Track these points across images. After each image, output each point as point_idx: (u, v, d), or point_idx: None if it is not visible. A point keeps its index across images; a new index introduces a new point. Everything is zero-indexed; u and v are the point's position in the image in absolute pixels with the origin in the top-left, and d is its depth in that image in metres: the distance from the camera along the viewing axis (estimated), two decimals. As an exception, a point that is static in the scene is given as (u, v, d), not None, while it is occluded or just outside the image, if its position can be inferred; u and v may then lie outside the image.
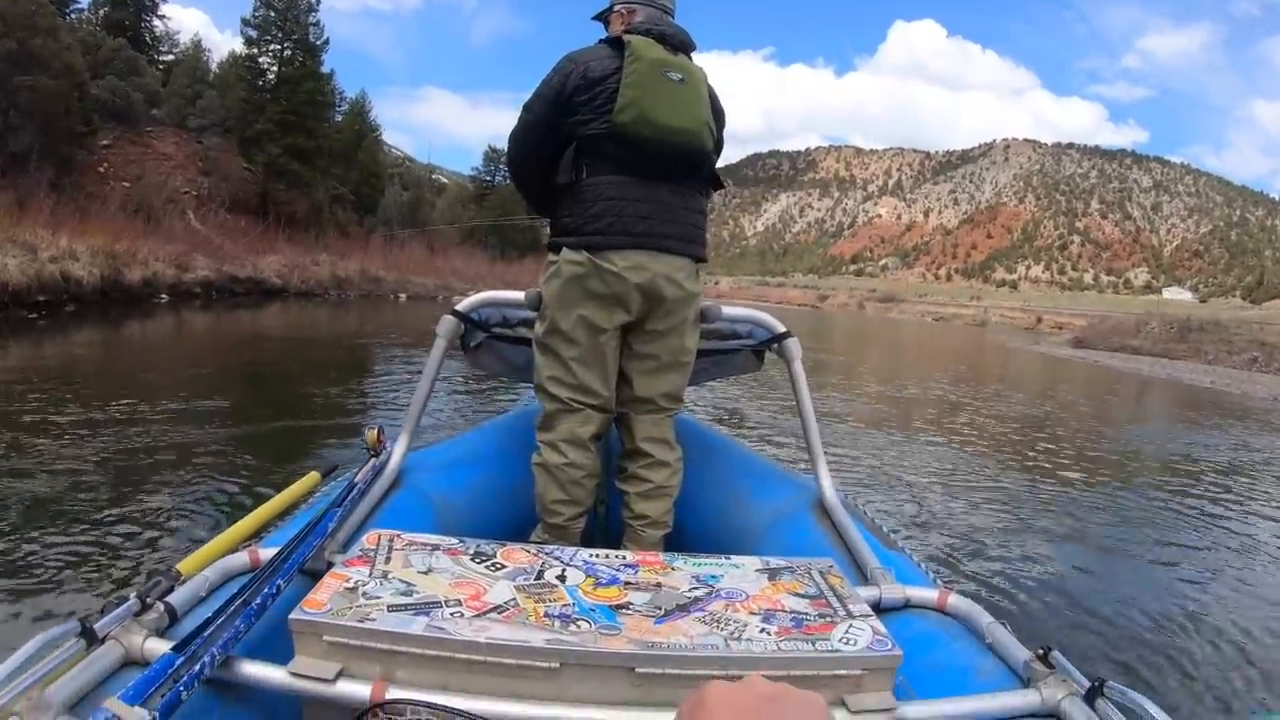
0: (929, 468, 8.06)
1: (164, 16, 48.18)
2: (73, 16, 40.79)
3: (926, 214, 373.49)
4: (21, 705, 1.09)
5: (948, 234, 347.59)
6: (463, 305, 2.76)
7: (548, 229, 2.70)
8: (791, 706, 0.59)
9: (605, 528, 2.99)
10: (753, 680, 0.62)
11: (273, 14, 41.05)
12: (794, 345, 2.81)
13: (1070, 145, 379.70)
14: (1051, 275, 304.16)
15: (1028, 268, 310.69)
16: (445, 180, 76.23)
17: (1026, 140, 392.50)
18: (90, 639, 1.36)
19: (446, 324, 2.70)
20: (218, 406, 8.22)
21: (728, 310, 2.84)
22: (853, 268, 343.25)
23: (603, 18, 2.81)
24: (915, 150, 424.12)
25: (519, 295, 2.75)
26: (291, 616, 1.38)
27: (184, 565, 1.72)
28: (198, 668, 1.27)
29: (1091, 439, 11.54)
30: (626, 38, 2.48)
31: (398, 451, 2.62)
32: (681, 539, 2.70)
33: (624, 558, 1.75)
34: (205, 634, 1.35)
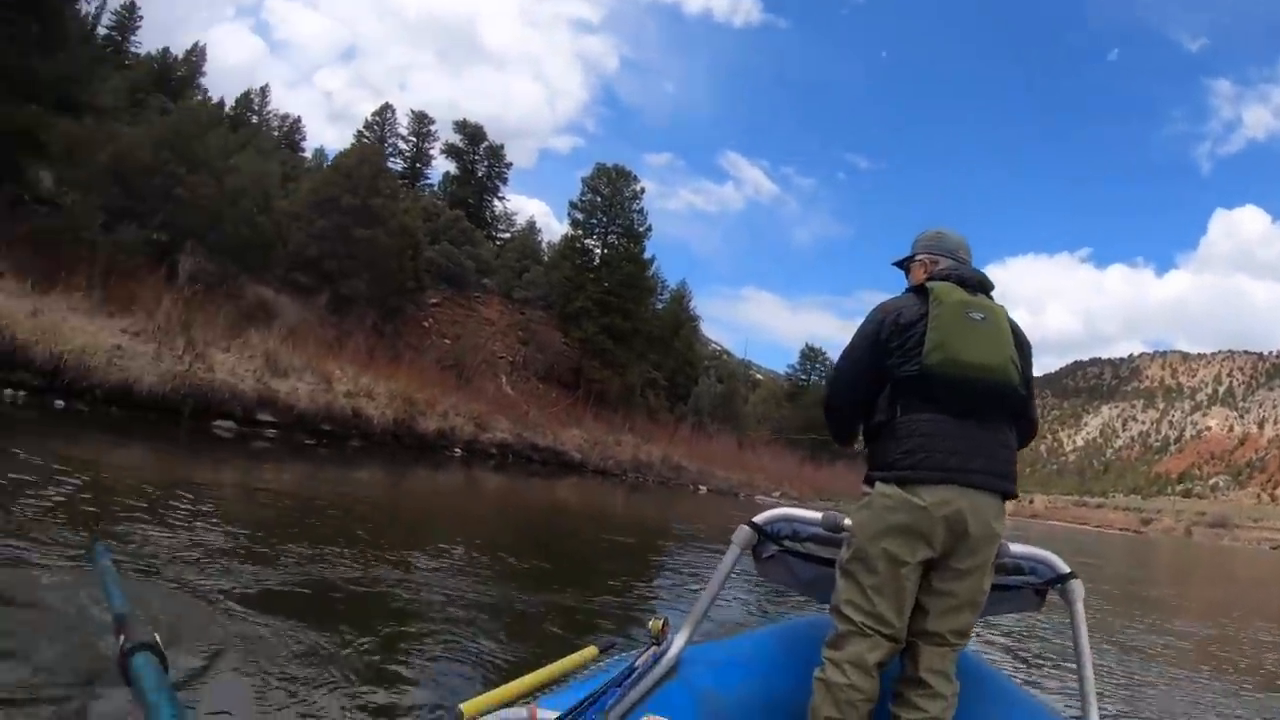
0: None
1: (504, 198, 51.36)
2: (423, 190, 44.51)
3: (1261, 424, 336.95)
4: None
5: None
6: (760, 518, 2.79)
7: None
8: None
9: None
10: None
11: (599, 199, 41.99)
12: (1077, 587, 2.75)
13: None
14: None
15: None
16: (760, 376, 75.10)
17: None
18: None
19: (743, 534, 2.74)
20: (503, 565, 8.30)
21: (1014, 547, 2.76)
22: (1179, 487, 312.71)
23: (904, 265, 3.05)
24: (1247, 352, 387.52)
25: (816, 515, 2.80)
26: None
27: (467, 707, 1.96)
28: None
29: None
30: (929, 284, 2.66)
31: (678, 642, 2.69)
32: None
33: None
34: None
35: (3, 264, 14.82)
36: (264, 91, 51.65)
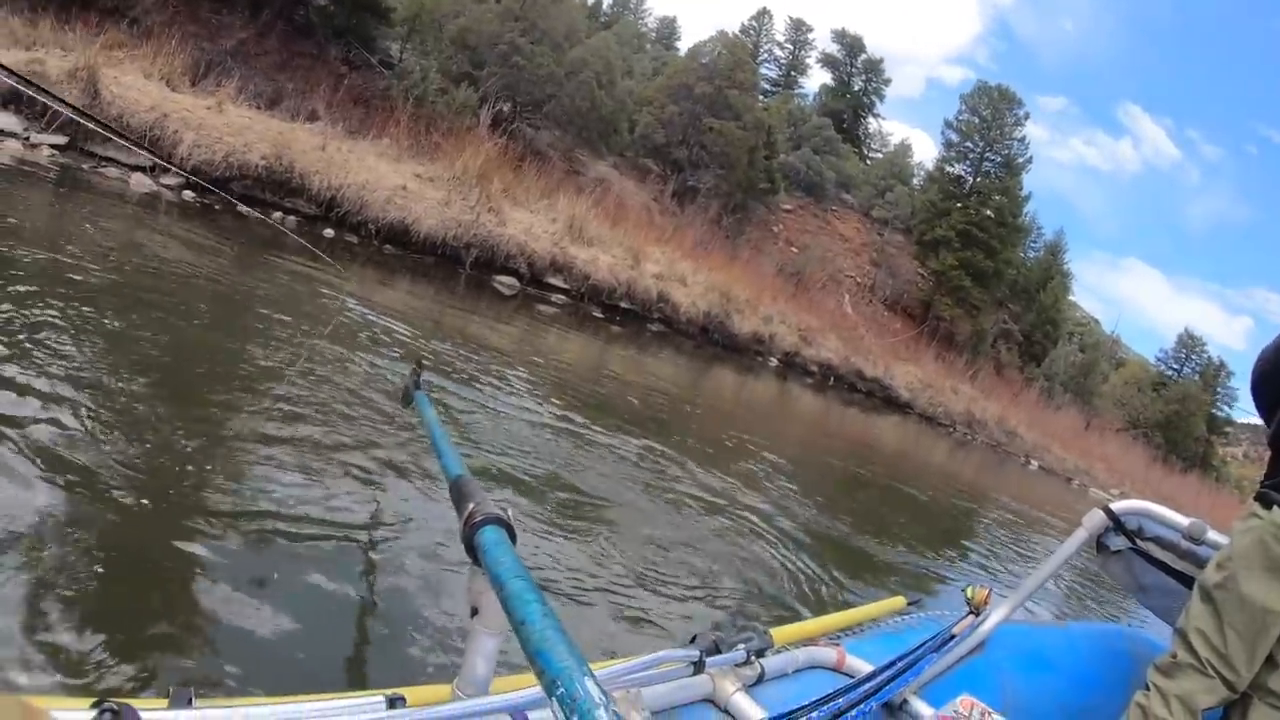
0: None
1: (879, 116, 48.64)
2: (799, 99, 43.05)
3: None
4: (619, 695, 1.31)
5: None
6: (1118, 506, 2.65)
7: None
8: None
9: None
10: None
11: (977, 121, 38.40)
12: None
13: None
14: None
15: None
16: (1126, 357, 68.16)
17: None
18: (697, 669, 1.68)
19: (1095, 518, 2.60)
20: (806, 490, 7.94)
21: None
22: None
23: None
24: None
25: (1182, 519, 2.56)
26: None
27: (776, 633, 1.99)
28: None
29: None
30: None
31: (996, 617, 2.59)
32: None
33: None
34: None
35: (324, 112, 14.80)
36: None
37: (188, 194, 10.53)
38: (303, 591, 2.84)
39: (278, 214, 11.26)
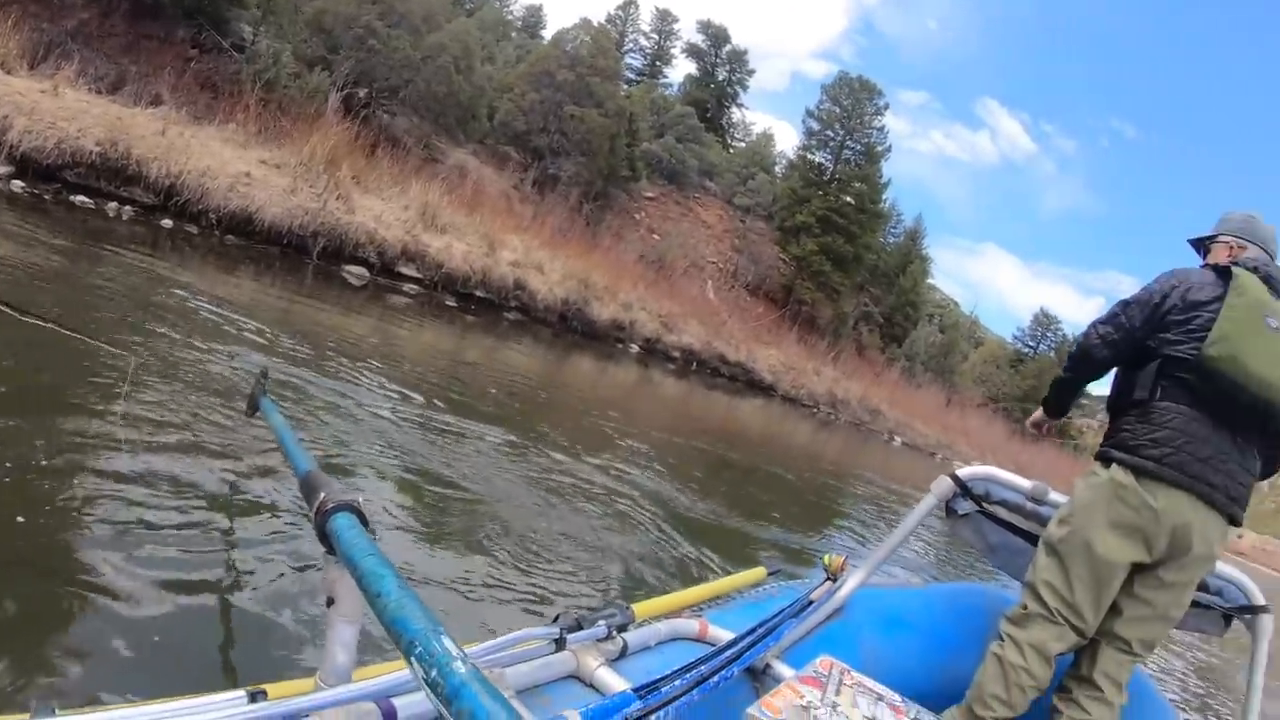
0: None
1: (743, 105, 49.33)
2: (663, 89, 43.68)
3: None
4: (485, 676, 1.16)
5: None
6: (964, 472, 2.79)
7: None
8: None
9: None
10: None
11: (838, 110, 39.39)
12: (1267, 622, 2.63)
13: None
14: None
15: None
16: (985, 337, 70.69)
17: None
18: (559, 646, 1.69)
19: (942, 485, 2.75)
20: (670, 472, 7.98)
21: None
22: None
23: (1201, 245, 2.85)
24: None
25: (1025, 483, 2.76)
26: (750, 711, 1.66)
27: (639, 608, 2.03)
28: (653, 718, 1.47)
29: None
30: (1235, 269, 2.48)
31: (852, 583, 2.69)
32: None
33: None
34: (662, 690, 1.57)
35: (169, 96, 14.15)
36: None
37: (17, 184, 9.98)
38: (162, 598, 2.81)
39: (113, 204, 10.76)
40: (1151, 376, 2.49)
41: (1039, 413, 3.16)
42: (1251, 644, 2.65)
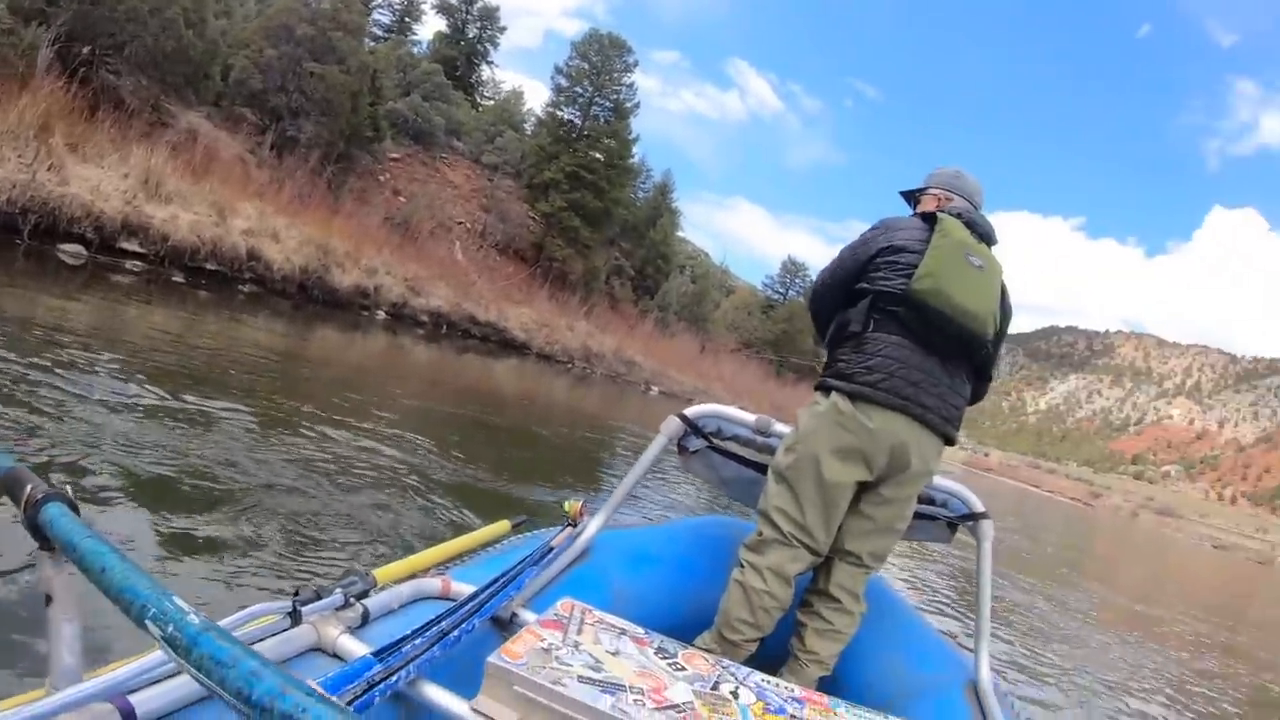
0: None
1: (494, 63, 48.84)
2: (412, 48, 42.30)
3: (1221, 424, 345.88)
4: None
5: (1241, 450, 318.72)
6: (691, 411, 2.89)
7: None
8: None
9: (764, 651, 2.78)
10: None
11: (586, 67, 39.78)
12: (987, 527, 2.89)
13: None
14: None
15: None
16: (736, 286, 73.51)
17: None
18: (295, 620, 1.61)
19: (671, 424, 2.84)
20: (421, 440, 7.85)
21: (935, 480, 2.87)
22: (1132, 469, 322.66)
23: (912, 197, 3.06)
24: (1220, 351, 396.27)
25: (750, 417, 2.88)
26: (490, 660, 1.57)
27: (380, 573, 1.98)
28: (394, 679, 1.46)
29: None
30: (940, 214, 2.71)
31: (593, 526, 2.80)
32: (834, 685, 2.72)
33: (792, 691, 1.87)
34: (403, 650, 1.55)
35: None
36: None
37: None
38: None
39: None
40: (864, 311, 2.64)
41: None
42: (977, 546, 2.87)
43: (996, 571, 12.10)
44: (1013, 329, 2.96)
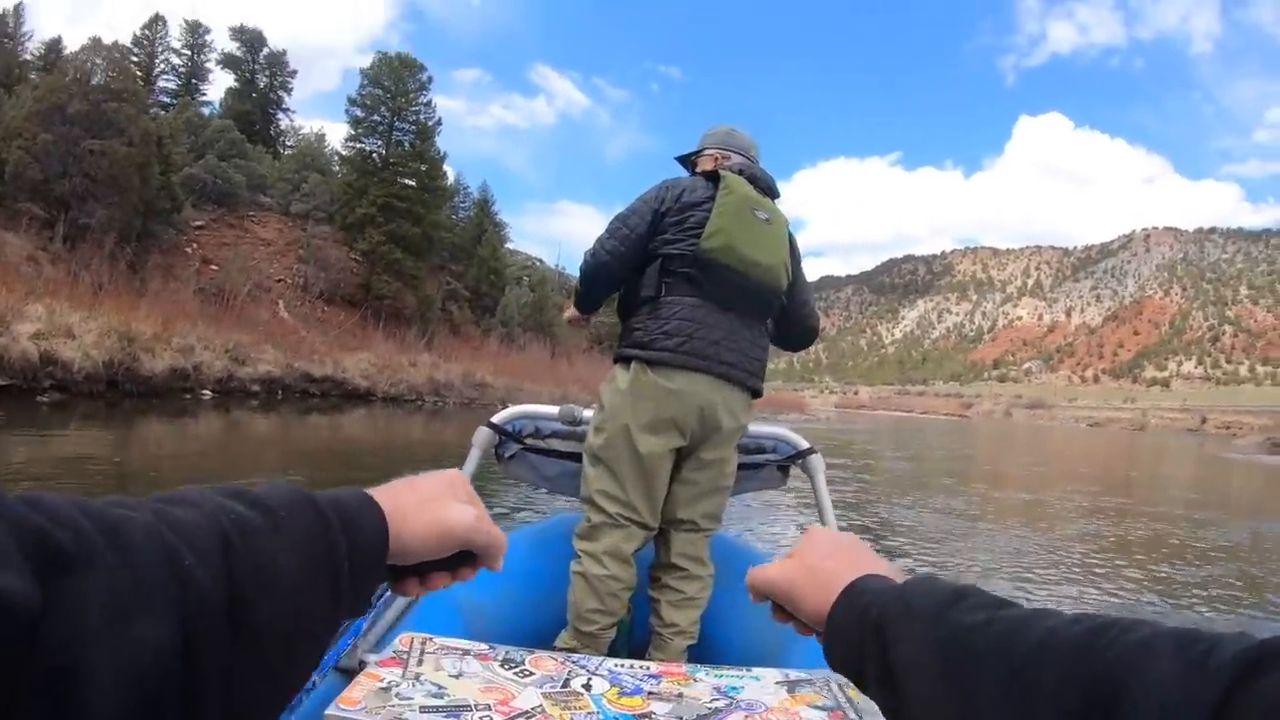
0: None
1: (290, 110, 48.53)
2: (203, 109, 41.29)
3: (1069, 313, 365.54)
4: None
5: (1092, 333, 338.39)
6: (497, 418, 2.84)
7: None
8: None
9: (630, 635, 2.90)
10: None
11: (380, 91, 38.92)
12: (817, 461, 2.88)
13: (1213, 230, 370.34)
14: (1205, 370, 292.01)
15: (1179, 364, 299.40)
16: (575, 286, 73.74)
17: (1167, 229, 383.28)
18: None
19: (482, 435, 2.78)
20: None
21: (754, 427, 2.90)
22: (995, 373, 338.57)
23: (689, 160, 3.05)
24: (1053, 248, 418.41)
25: (553, 410, 2.88)
26: (328, 713, 1.43)
27: None
28: None
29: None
30: (722, 172, 2.70)
31: None
32: (707, 651, 2.74)
33: (648, 668, 1.78)
34: None
35: None
36: (17, 11, 41.30)
37: None
38: None
39: None
40: (656, 276, 2.64)
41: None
42: (812, 484, 2.85)
43: (883, 501, 12.61)
44: (854, 269, 3.24)
